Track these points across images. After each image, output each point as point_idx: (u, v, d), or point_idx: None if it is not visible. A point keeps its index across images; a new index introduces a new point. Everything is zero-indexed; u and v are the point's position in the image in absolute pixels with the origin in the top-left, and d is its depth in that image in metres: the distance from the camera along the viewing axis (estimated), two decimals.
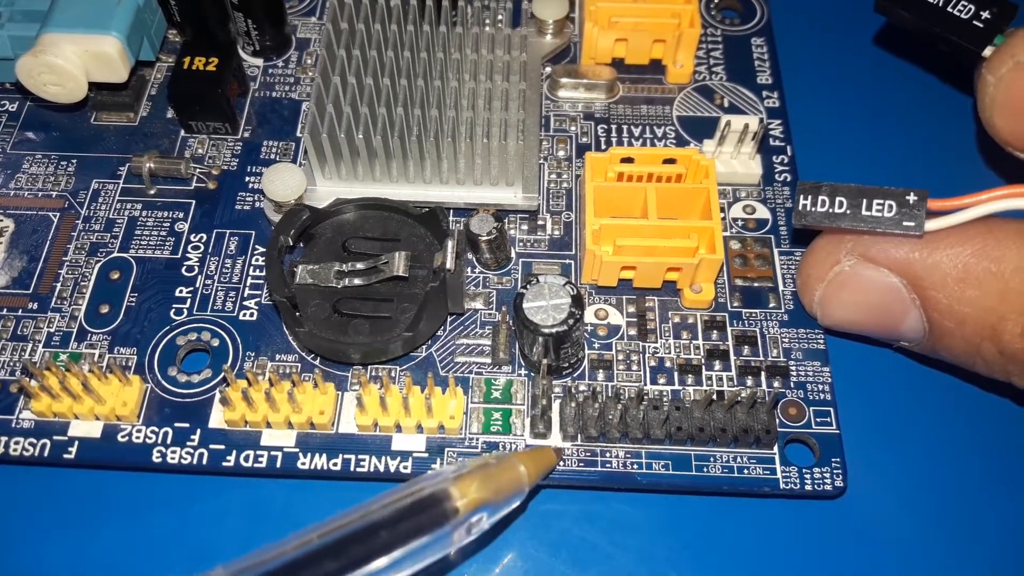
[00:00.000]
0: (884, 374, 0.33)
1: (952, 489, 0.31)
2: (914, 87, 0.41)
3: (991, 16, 0.29)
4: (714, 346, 0.32)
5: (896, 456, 0.31)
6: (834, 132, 0.39)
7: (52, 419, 0.31)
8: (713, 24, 0.41)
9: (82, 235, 0.35)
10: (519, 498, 0.27)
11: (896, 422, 0.32)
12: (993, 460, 0.31)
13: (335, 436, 0.30)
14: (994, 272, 0.27)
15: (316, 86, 0.33)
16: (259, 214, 0.35)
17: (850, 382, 0.32)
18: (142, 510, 0.30)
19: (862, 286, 0.29)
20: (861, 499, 0.30)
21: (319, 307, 0.31)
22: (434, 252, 0.32)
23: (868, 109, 0.40)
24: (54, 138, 0.38)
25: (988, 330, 0.27)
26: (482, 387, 0.31)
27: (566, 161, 0.37)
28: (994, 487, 0.31)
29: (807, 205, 0.29)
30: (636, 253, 0.32)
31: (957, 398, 0.32)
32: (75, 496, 0.30)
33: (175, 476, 0.31)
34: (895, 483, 0.31)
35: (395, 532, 0.24)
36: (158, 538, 0.30)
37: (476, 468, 0.26)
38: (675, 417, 0.30)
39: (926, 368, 0.33)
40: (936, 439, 0.32)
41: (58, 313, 0.33)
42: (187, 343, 0.32)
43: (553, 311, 0.29)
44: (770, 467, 0.30)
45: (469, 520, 0.25)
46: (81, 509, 0.30)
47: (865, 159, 0.38)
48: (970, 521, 0.30)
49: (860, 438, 0.31)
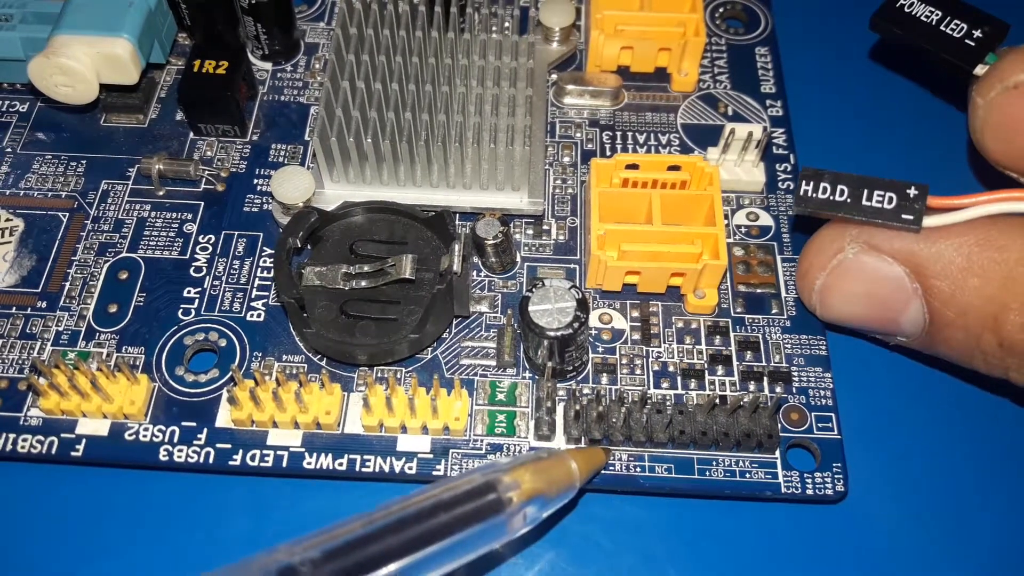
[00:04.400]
0: (885, 380, 0.33)
1: (952, 495, 0.31)
2: (915, 98, 0.41)
3: (983, 35, 0.30)
4: (717, 351, 0.32)
5: (897, 462, 0.32)
6: (836, 141, 0.40)
7: (60, 417, 0.31)
8: (718, 33, 0.42)
9: (91, 235, 0.35)
10: (570, 493, 0.27)
11: (897, 428, 0.32)
12: (993, 466, 0.31)
13: (341, 436, 0.31)
14: (998, 261, 0.26)
15: (325, 90, 0.34)
16: (267, 216, 0.36)
17: (852, 388, 0.32)
18: (148, 508, 0.30)
19: (864, 275, 0.29)
20: (862, 504, 0.30)
21: (326, 308, 0.31)
22: (440, 255, 0.32)
23: (870, 118, 0.40)
24: (64, 139, 0.38)
25: (990, 320, 0.27)
26: (487, 389, 0.32)
27: (571, 167, 0.37)
28: (994, 494, 0.31)
29: (808, 191, 0.28)
30: (640, 258, 0.32)
31: (958, 405, 0.33)
32: (82, 493, 0.31)
33: (182, 475, 0.31)
34: (896, 488, 0.31)
35: (452, 516, 0.24)
36: (164, 536, 0.30)
37: (529, 460, 0.26)
38: (678, 421, 0.30)
39: (927, 375, 0.33)
40: (937, 445, 0.32)
41: (67, 312, 0.33)
42: (195, 343, 0.32)
43: (558, 314, 0.30)
44: (772, 471, 0.30)
45: (523, 510, 0.25)
46: (88, 506, 0.31)
47: (866, 168, 0.38)
48: (969, 527, 0.30)
49: (861, 443, 0.31)
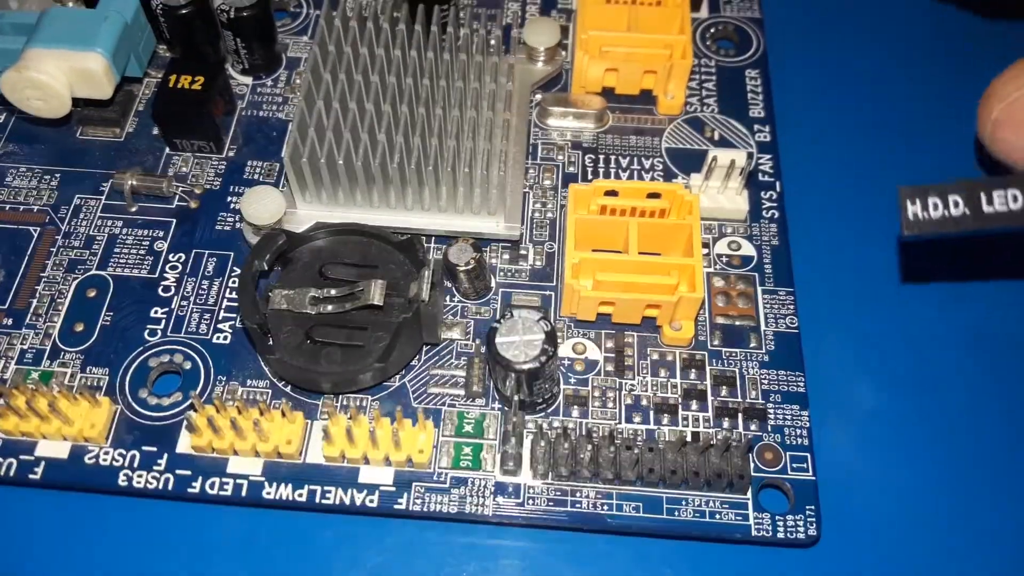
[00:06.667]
0: (863, 421, 0.32)
1: (928, 543, 0.30)
2: (910, 125, 0.40)
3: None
4: (692, 385, 0.32)
5: (871, 506, 0.31)
6: (825, 167, 0.39)
7: (20, 438, 0.30)
8: (707, 54, 0.41)
9: (61, 251, 0.35)
10: None
11: (873, 471, 0.31)
12: (970, 515, 0.30)
13: (302, 466, 0.30)
14: None
15: (299, 110, 0.33)
16: (238, 235, 0.35)
17: (828, 427, 0.32)
18: (106, 533, 0.30)
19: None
20: (834, 549, 0.30)
21: (292, 333, 0.31)
22: (412, 280, 0.31)
23: (861, 144, 0.40)
24: (39, 151, 0.37)
25: None
26: (454, 420, 0.31)
27: (552, 191, 0.36)
28: (971, 542, 0.30)
29: (916, 212, 0.25)
30: (615, 289, 0.31)
31: (937, 447, 0.32)
32: (41, 516, 0.30)
33: (141, 500, 0.30)
34: (869, 534, 0.30)
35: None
36: (120, 563, 0.29)
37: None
38: (647, 458, 0.29)
39: (906, 418, 0.32)
40: (914, 490, 0.31)
41: (32, 330, 0.33)
42: (159, 365, 0.32)
43: (525, 347, 0.29)
44: (743, 512, 0.29)
45: None
46: (46, 529, 0.30)
47: (857, 193, 0.38)
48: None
49: (836, 486, 0.30)
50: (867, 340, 0.34)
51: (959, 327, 0.34)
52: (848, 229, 0.37)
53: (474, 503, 0.29)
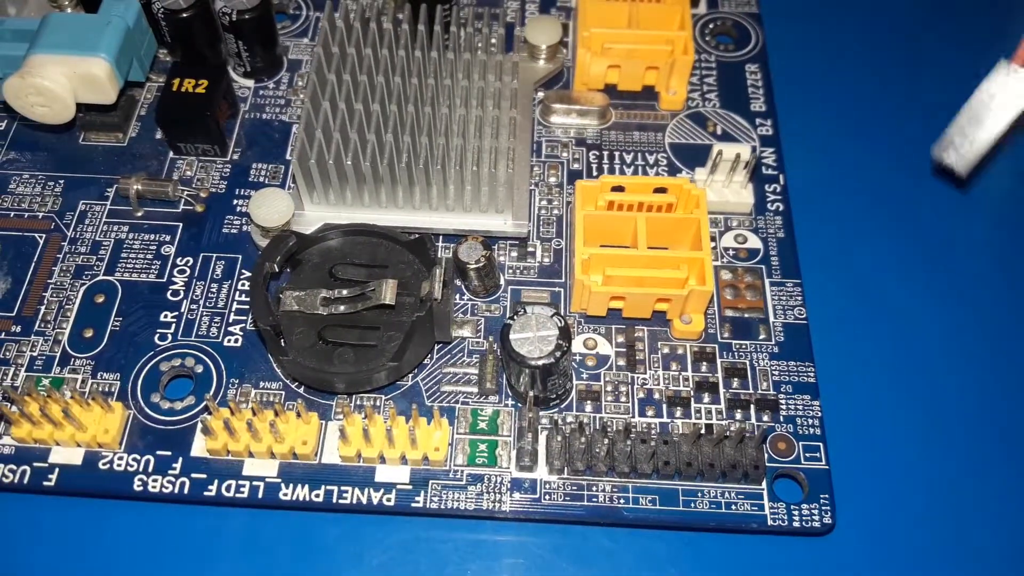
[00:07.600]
0: (875, 409, 0.33)
1: (941, 530, 0.30)
2: (911, 115, 0.41)
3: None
4: (703, 378, 0.32)
5: (885, 494, 0.31)
6: (828, 159, 0.39)
7: (33, 445, 0.30)
8: (707, 50, 0.41)
9: (68, 257, 0.34)
10: None
11: (886, 458, 0.32)
12: (985, 501, 0.31)
13: (318, 466, 0.30)
14: None
15: (305, 111, 0.33)
16: (246, 238, 0.35)
17: (840, 417, 0.32)
18: (123, 538, 0.30)
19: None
20: (849, 537, 0.30)
21: (304, 334, 0.31)
22: (422, 279, 0.31)
23: (862, 134, 0.40)
24: (42, 158, 0.37)
25: None
26: (468, 418, 0.31)
27: (557, 187, 0.36)
28: (985, 529, 0.30)
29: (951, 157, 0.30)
30: (626, 283, 0.32)
31: (949, 437, 0.32)
32: (56, 522, 0.30)
33: (157, 504, 0.30)
34: (884, 521, 0.30)
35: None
36: (137, 569, 0.29)
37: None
38: (663, 451, 0.29)
39: (918, 404, 0.33)
40: (927, 477, 0.31)
41: (41, 337, 0.32)
42: (171, 369, 0.32)
43: (540, 343, 0.29)
44: (758, 503, 0.29)
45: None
46: (61, 536, 0.30)
47: (860, 184, 0.38)
48: (961, 564, 0.30)
49: (850, 474, 0.31)
50: (875, 328, 0.34)
51: (967, 314, 0.35)
52: (853, 219, 0.37)
53: (491, 499, 0.29)
